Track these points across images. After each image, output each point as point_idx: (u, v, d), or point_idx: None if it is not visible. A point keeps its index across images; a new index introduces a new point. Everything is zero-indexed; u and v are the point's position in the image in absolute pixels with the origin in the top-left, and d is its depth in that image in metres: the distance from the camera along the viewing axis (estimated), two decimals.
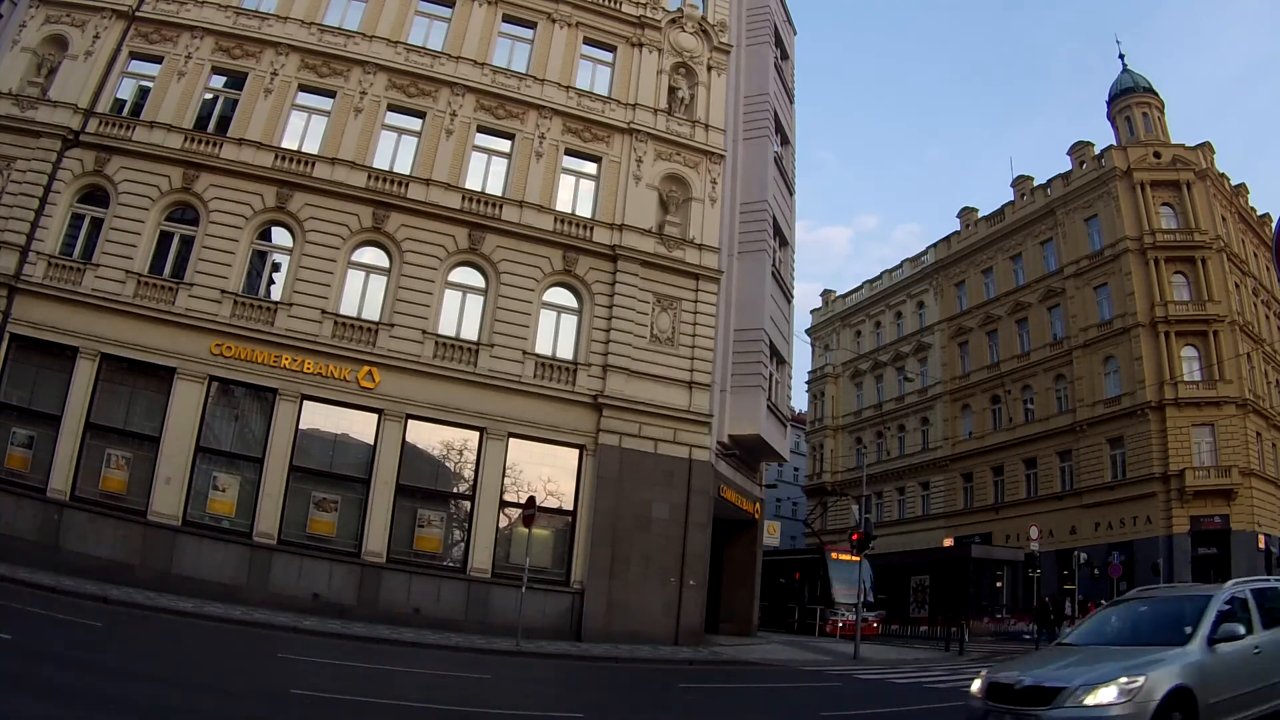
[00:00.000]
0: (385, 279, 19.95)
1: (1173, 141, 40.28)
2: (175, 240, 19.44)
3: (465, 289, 20.42)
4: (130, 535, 17.13)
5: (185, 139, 19.73)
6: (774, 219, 24.24)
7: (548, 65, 22.35)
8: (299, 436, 18.51)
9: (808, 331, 59.55)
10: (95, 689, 7.59)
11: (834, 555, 30.47)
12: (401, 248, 19.96)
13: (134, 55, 20.57)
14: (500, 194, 21.04)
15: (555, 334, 20.72)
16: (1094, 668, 6.68)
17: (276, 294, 19.55)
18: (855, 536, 23.14)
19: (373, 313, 19.64)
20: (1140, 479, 34.84)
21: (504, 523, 19.42)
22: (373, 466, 18.59)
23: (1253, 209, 43.29)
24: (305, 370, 18.67)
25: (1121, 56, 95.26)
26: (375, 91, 20.97)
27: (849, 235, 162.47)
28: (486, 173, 21.38)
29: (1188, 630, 7.06)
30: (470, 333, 20.03)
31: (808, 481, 57.01)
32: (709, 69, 23.83)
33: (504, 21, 22.74)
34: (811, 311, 61.04)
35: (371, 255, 20.18)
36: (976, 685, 7.31)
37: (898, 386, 49.92)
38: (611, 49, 23.39)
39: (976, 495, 43.56)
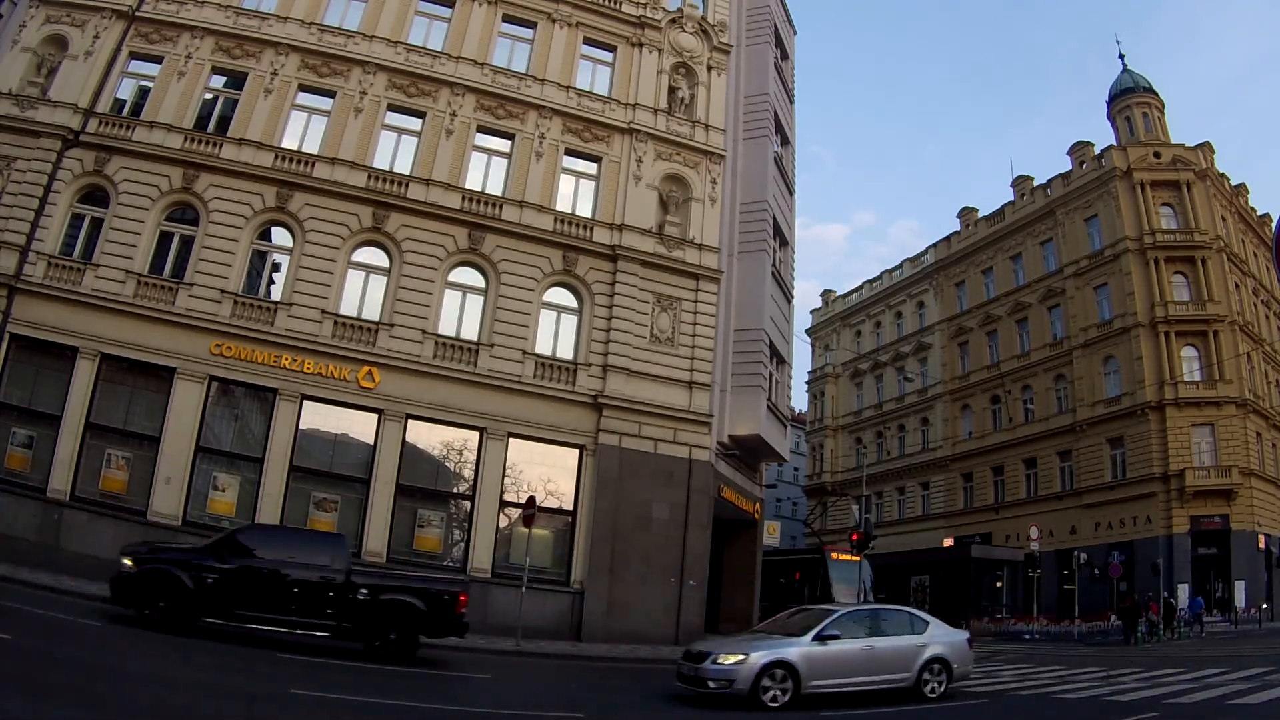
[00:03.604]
0: (385, 279, 19.95)
1: (1173, 141, 40.27)
2: (175, 240, 19.44)
3: (465, 289, 20.42)
4: (130, 535, 16.96)
5: (185, 139, 19.73)
6: (774, 219, 24.22)
7: (548, 65, 22.35)
8: (299, 436, 18.52)
9: (808, 331, 59.55)
10: (95, 689, 7.60)
11: (834, 555, 30.40)
12: (401, 248, 19.97)
13: (134, 55, 20.56)
14: (500, 194, 21.04)
15: (555, 334, 20.72)
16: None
17: (276, 294, 19.55)
18: (855, 536, 23.22)
19: (373, 313, 19.64)
20: (1140, 479, 34.82)
21: (504, 523, 19.43)
22: (373, 466, 18.60)
23: (1253, 209, 43.28)
24: (305, 370, 18.68)
25: (1121, 56, 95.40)
26: (375, 91, 20.97)
27: (846, 232, 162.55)
28: (486, 173, 21.38)
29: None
30: (470, 333, 20.04)
31: (808, 481, 57.00)
32: (709, 69, 23.83)
33: (504, 21, 22.74)
34: (811, 311, 61.07)
35: (371, 255, 20.18)
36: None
37: (898, 386, 49.90)
38: (611, 49, 23.39)
39: (976, 495, 43.53)
